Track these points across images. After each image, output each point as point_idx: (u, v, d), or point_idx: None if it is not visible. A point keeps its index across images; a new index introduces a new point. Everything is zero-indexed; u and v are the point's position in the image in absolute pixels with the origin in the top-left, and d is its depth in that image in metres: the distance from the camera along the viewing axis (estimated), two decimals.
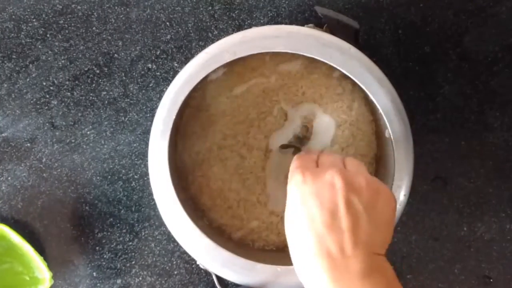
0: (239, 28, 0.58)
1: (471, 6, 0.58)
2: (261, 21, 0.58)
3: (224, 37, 0.47)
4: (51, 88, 0.58)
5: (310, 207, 0.38)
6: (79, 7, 0.58)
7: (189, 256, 0.48)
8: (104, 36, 0.58)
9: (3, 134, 0.58)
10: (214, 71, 0.46)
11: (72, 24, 0.58)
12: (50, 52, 0.58)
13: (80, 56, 0.58)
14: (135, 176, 0.58)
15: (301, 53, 0.46)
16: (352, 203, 0.38)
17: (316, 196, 0.38)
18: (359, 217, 0.37)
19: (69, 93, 0.58)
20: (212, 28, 0.58)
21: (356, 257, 0.36)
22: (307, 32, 0.46)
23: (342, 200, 0.37)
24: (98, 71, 0.58)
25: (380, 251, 0.38)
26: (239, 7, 0.58)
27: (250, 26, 0.58)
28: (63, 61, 0.58)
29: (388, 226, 0.39)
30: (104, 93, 0.58)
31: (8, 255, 0.56)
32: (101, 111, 0.58)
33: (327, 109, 0.51)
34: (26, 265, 0.55)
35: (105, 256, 0.58)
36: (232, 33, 0.47)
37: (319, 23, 0.52)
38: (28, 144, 0.58)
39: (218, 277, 0.48)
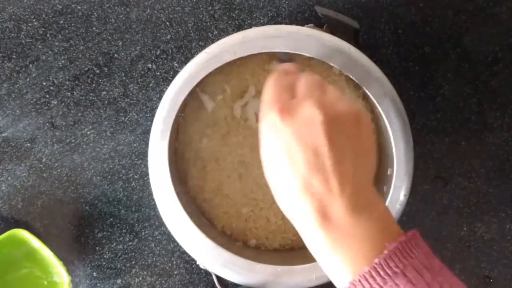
0: (239, 28, 0.58)
1: (471, 6, 0.58)
2: (261, 21, 0.58)
3: (224, 37, 0.47)
4: (51, 88, 0.58)
5: (291, 150, 0.36)
6: (79, 7, 0.58)
7: (189, 256, 0.48)
8: (104, 36, 0.58)
9: (3, 134, 0.58)
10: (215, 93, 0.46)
11: (72, 24, 0.58)
12: (50, 52, 0.58)
13: (80, 56, 0.58)
14: (135, 176, 0.58)
15: (301, 53, 0.46)
16: (335, 138, 0.35)
17: (297, 137, 0.35)
18: (343, 153, 0.35)
19: (69, 93, 0.58)
20: (212, 28, 0.58)
21: (343, 196, 0.35)
22: (307, 32, 0.46)
23: (324, 137, 0.35)
24: (98, 71, 0.58)
25: (368, 183, 0.37)
26: (239, 7, 0.58)
27: (250, 26, 0.58)
28: (63, 61, 0.58)
29: (371, 153, 0.38)
30: (104, 93, 0.58)
31: (28, 260, 0.56)
32: (101, 111, 0.58)
33: None
34: (45, 269, 0.55)
35: (105, 256, 0.58)
36: (232, 33, 0.47)
37: (319, 23, 0.52)
38: (28, 144, 0.58)
39: (218, 277, 0.48)
